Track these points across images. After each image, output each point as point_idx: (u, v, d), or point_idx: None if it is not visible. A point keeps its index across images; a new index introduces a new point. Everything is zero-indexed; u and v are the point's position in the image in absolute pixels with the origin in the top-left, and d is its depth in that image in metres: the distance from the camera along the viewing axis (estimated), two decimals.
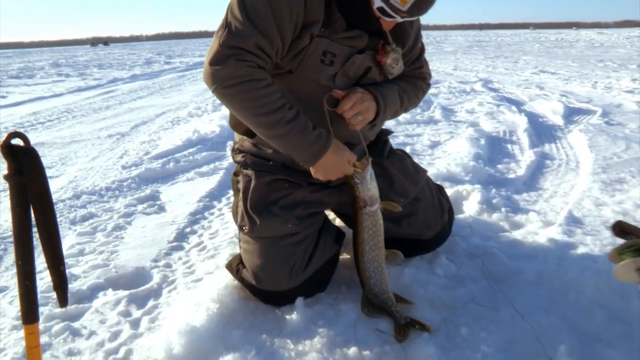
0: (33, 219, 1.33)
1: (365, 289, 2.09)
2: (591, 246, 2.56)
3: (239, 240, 2.33)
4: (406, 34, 2.20)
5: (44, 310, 2.23)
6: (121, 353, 1.96)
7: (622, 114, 6.54)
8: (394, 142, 2.53)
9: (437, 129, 6.00)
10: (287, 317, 2.06)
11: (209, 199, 3.73)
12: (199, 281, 2.48)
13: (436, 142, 5.31)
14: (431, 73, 2.46)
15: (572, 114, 6.71)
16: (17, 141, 1.29)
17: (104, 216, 3.48)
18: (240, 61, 1.77)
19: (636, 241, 1.44)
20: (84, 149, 5.79)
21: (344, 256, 2.51)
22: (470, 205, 3.23)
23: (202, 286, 2.37)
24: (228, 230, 3.09)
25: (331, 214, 2.69)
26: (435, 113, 6.89)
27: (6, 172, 1.28)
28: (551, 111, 6.88)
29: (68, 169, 4.84)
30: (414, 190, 2.38)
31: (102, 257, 2.82)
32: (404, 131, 5.78)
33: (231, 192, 3.49)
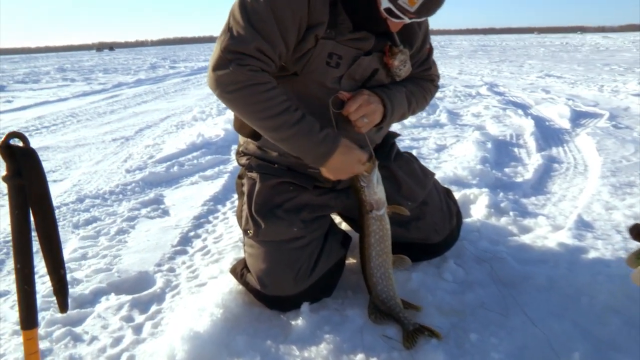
0: (32, 222, 1.29)
1: (372, 295, 2.05)
2: (602, 250, 2.52)
3: (244, 245, 2.29)
4: (414, 35, 2.16)
5: (46, 315, 2.20)
6: (123, 359, 1.92)
7: (630, 117, 6.49)
8: (399, 146, 2.49)
9: (443, 132, 5.96)
10: (293, 322, 2.02)
11: (213, 203, 3.69)
12: (202, 286, 2.44)
13: (442, 145, 5.27)
14: (440, 74, 2.42)
15: (579, 117, 6.66)
16: (16, 142, 1.25)
17: (107, 220, 3.45)
18: (241, 66, 1.75)
19: None
20: (88, 152, 5.77)
21: (350, 260, 2.46)
22: (477, 209, 3.18)
23: (206, 291, 2.33)
24: (232, 234, 3.06)
25: (337, 217, 2.65)
26: (441, 117, 6.85)
27: (5, 174, 1.25)
28: (558, 115, 6.83)
29: (72, 173, 4.82)
30: (421, 194, 2.34)
31: (105, 261, 2.79)
32: (410, 135, 5.75)
33: (235, 196, 3.45)
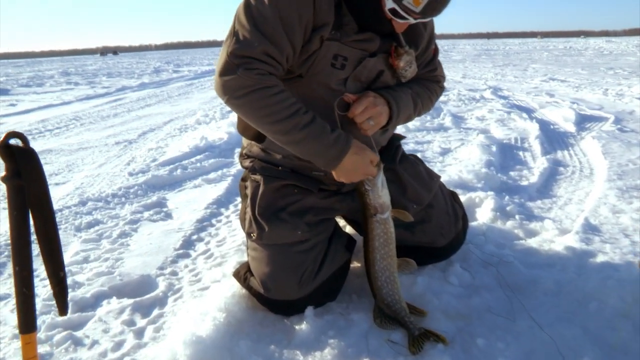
0: (32, 224, 1.27)
1: (377, 299, 2.02)
2: (611, 254, 2.48)
3: (247, 248, 2.27)
4: (420, 36, 2.13)
5: (46, 319, 2.18)
6: None
7: (635, 120, 6.46)
8: (403, 149, 2.46)
9: (448, 136, 5.94)
10: (297, 327, 1.99)
11: (216, 206, 3.67)
12: (205, 290, 2.41)
13: (447, 149, 5.25)
14: (445, 75, 2.40)
15: (583, 121, 6.63)
16: (15, 142, 1.23)
17: (109, 223, 3.43)
18: (249, 70, 1.73)
19: None
20: (91, 155, 5.76)
21: (355, 264, 2.43)
22: (483, 212, 3.15)
23: (209, 295, 2.30)
24: (236, 237, 3.03)
25: (341, 220, 2.62)
26: (445, 120, 6.83)
27: (3, 174, 1.22)
28: (562, 118, 6.80)
29: (74, 176, 4.80)
30: (427, 197, 2.31)
31: (106, 264, 2.76)
32: (414, 138, 5.73)
33: (239, 199, 3.42)
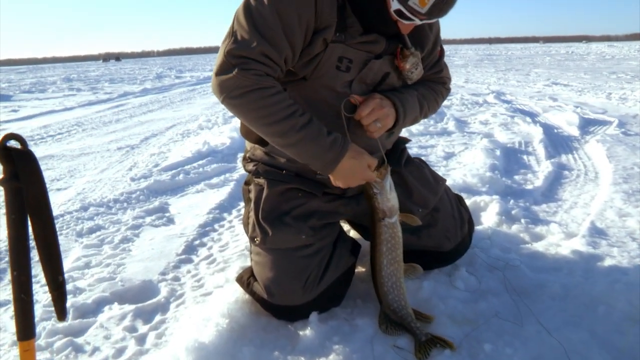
0: (30, 227, 1.24)
1: (383, 305, 1.99)
2: (619, 258, 2.45)
3: (250, 253, 2.24)
4: (425, 38, 2.11)
5: (47, 325, 2.15)
6: None
7: (639, 124, 6.42)
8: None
9: (451, 140, 5.91)
10: (301, 333, 1.96)
11: (219, 211, 3.64)
12: (208, 295, 2.38)
13: (450, 153, 5.22)
14: (451, 77, 2.37)
15: (587, 124, 6.60)
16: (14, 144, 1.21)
17: (111, 228, 3.40)
18: (245, 70, 1.71)
19: None
20: (93, 161, 5.74)
21: (360, 269, 2.41)
22: (488, 216, 3.12)
23: (212, 300, 2.28)
24: (239, 242, 3.00)
25: (345, 224, 2.59)
26: (448, 124, 6.80)
27: (1, 177, 1.20)
28: (566, 122, 6.77)
29: (76, 181, 4.78)
30: (433, 200, 2.28)
31: (108, 270, 2.74)
32: (418, 142, 5.70)
33: (242, 204, 3.39)
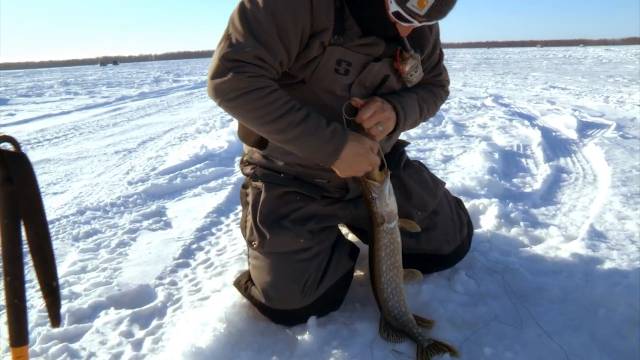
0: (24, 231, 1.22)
1: (383, 311, 1.97)
2: (618, 261, 2.44)
3: (248, 256, 2.22)
4: (425, 40, 2.09)
5: (42, 331, 2.13)
6: None
7: (637, 127, 6.43)
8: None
9: (449, 143, 5.90)
10: (299, 337, 1.94)
11: (216, 215, 3.62)
12: (205, 299, 2.36)
13: (449, 156, 5.21)
14: (450, 80, 2.36)
15: (585, 128, 6.60)
16: (6, 146, 1.19)
17: (108, 232, 3.38)
18: (240, 73, 1.70)
19: None
20: (90, 165, 5.72)
21: (358, 273, 2.39)
22: (487, 219, 3.11)
23: (209, 305, 2.26)
24: (236, 246, 2.98)
25: (344, 228, 2.58)
26: (446, 128, 6.79)
27: None
28: (564, 125, 6.77)
29: (73, 185, 4.76)
30: (432, 203, 2.27)
31: (104, 274, 2.71)
32: (416, 146, 5.69)
33: (239, 208, 3.38)
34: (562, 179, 4.24)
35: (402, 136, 2.35)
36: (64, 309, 2.27)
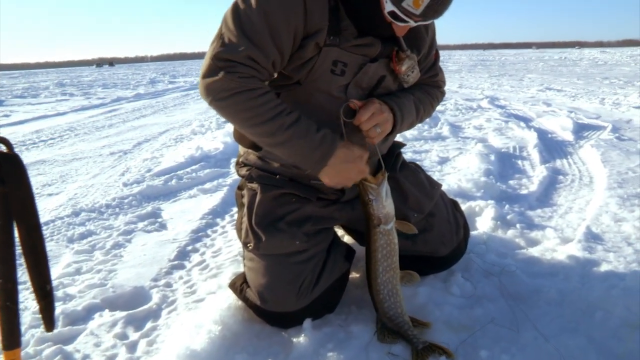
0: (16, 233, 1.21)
1: (379, 313, 1.96)
2: (615, 263, 2.43)
3: (243, 258, 2.21)
4: (422, 40, 2.08)
5: (35, 333, 2.11)
6: None
7: (633, 129, 6.44)
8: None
9: (445, 145, 5.90)
10: (294, 340, 1.93)
11: (212, 216, 3.61)
12: (200, 302, 2.35)
13: (445, 158, 5.20)
14: (445, 80, 2.35)
15: (581, 129, 6.61)
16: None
17: (103, 234, 3.36)
18: (231, 73, 1.69)
19: None
20: (85, 166, 5.70)
21: (354, 275, 2.38)
22: (483, 221, 3.11)
23: (204, 307, 2.24)
24: (232, 248, 2.97)
25: (340, 230, 2.56)
26: (442, 129, 6.78)
27: None
28: (560, 127, 6.78)
29: (68, 187, 4.74)
30: (429, 205, 2.26)
31: (99, 276, 2.70)
32: (412, 147, 5.69)
33: (235, 209, 3.36)
34: (558, 180, 4.24)
35: (398, 138, 2.33)
36: (58, 311, 2.26)
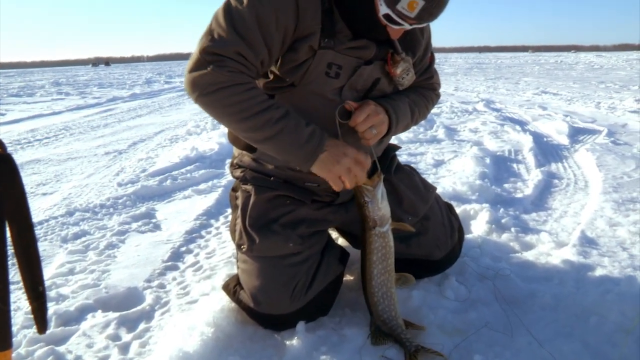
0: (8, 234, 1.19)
1: (373, 316, 1.95)
2: (610, 268, 2.43)
3: (237, 260, 2.19)
4: (417, 43, 2.08)
5: (27, 333, 2.10)
6: None
7: (629, 133, 6.45)
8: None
9: (441, 147, 5.90)
10: (288, 342, 1.92)
11: (206, 217, 3.59)
12: (193, 303, 2.34)
13: (440, 161, 5.20)
14: (441, 83, 2.35)
15: (577, 133, 6.62)
16: None
17: (96, 234, 3.35)
18: (220, 67, 1.67)
19: None
20: (80, 166, 5.68)
21: (348, 277, 2.37)
22: (478, 225, 3.10)
23: (197, 308, 2.23)
24: (225, 249, 2.96)
25: (333, 232, 2.56)
26: (438, 132, 6.78)
27: None
28: (555, 131, 6.79)
29: (62, 186, 4.72)
30: (423, 208, 2.25)
31: (92, 276, 2.68)
32: (407, 150, 5.69)
33: (229, 210, 3.35)
34: (554, 184, 4.25)
35: (393, 140, 2.33)
36: (50, 311, 2.24)
